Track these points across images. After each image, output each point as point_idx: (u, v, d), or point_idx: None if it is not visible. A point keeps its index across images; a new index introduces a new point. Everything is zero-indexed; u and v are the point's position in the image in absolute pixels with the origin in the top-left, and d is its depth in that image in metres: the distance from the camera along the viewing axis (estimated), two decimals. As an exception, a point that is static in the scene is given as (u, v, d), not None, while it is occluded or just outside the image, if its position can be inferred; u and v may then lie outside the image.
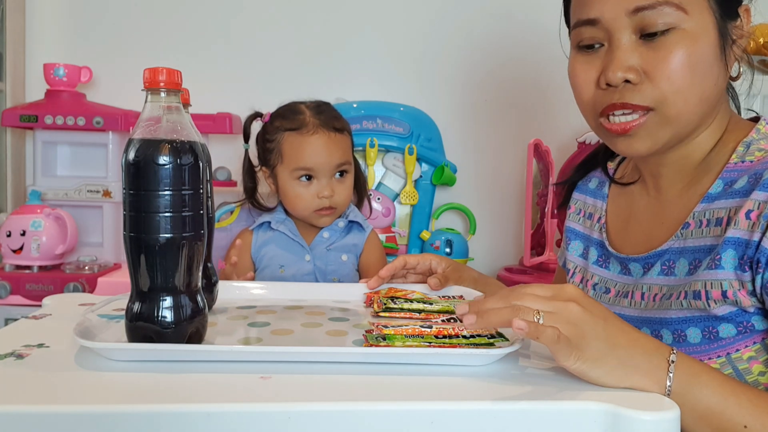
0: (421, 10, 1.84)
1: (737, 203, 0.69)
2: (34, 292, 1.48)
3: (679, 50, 0.67)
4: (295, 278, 1.14)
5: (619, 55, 0.69)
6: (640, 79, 0.69)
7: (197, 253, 0.60)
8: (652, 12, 0.67)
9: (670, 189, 0.79)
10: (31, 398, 0.49)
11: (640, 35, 0.69)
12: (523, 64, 1.82)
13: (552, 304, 0.56)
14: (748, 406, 0.57)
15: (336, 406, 0.49)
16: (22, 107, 1.63)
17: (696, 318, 0.69)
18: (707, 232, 0.71)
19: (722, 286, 0.67)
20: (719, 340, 0.68)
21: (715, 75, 0.70)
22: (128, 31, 1.82)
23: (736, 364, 0.68)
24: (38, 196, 1.60)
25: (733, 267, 0.67)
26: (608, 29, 0.70)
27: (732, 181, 0.71)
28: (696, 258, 0.71)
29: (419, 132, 1.71)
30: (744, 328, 0.67)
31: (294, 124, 1.15)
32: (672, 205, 0.78)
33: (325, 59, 1.83)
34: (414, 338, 0.62)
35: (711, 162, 0.75)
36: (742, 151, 0.72)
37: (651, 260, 0.77)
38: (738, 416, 0.57)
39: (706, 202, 0.73)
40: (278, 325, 0.72)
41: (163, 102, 0.59)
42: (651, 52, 0.68)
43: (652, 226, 0.80)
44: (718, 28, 0.69)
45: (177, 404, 0.48)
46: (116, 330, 0.65)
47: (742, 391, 0.59)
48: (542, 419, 0.50)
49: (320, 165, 1.14)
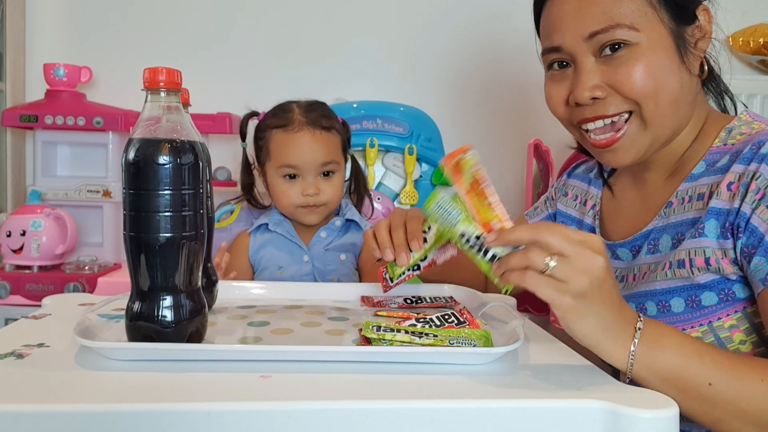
0: (421, 10, 1.84)
1: (718, 179, 0.72)
2: (34, 292, 1.48)
3: (636, 63, 0.72)
4: (294, 279, 1.14)
5: (582, 77, 0.75)
6: (608, 93, 0.74)
7: (197, 252, 0.60)
8: (606, 35, 0.72)
9: (654, 180, 0.83)
10: (31, 398, 0.49)
11: (599, 55, 0.74)
12: (523, 64, 1.82)
13: (578, 249, 0.56)
14: (712, 365, 0.59)
15: (336, 404, 0.49)
16: (22, 107, 1.63)
17: (679, 288, 0.72)
18: (689, 207, 0.75)
19: (705, 253, 0.70)
20: (702, 308, 0.71)
21: (678, 79, 0.73)
22: (128, 31, 1.82)
23: (717, 333, 0.70)
24: (38, 196, 1.60)
25: (715, 236, 0.70)
26: (571, 53, 0.76)
27: (714, 162, 0.75)
28: (678, 232, 0.75)
29: (419, 132, 1.71)
30: (726, 296, 0.70)
31: (281, 121, 1.16)
32: (656, 192, 0.82)
33: (325, 59, 1.83)
34: (410, 332, 0.62)
35: (693, 151, 0.79)
36: (725, 136, 0.76)
37: (637, 242, 0.80)
38: (702, 376, 0.59)
39: (689, 181, 0.76)
40: (278, 324, 0.72)
41: (163, 102, 0.59)
42: (611, 69, 0.73)
43: (638, 212, 0.83)
44: (672, 37, 0.73)
45: (177, 403, 0.48)
46: (116, 330, 0.65)
47: (706, 351, 0.60)
48: (542, 417, 0.50)
49: (304, 163, 1.14)
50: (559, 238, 0.56)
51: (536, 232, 0.57)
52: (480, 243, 0.64)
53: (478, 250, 0.64)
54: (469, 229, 0.65)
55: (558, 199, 0.99)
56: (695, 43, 0.75)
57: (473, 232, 0.64)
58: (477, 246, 0.64)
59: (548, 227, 0.57)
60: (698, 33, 0.75)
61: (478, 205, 0.64)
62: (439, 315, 0.69)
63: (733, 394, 0.58)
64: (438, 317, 0.68)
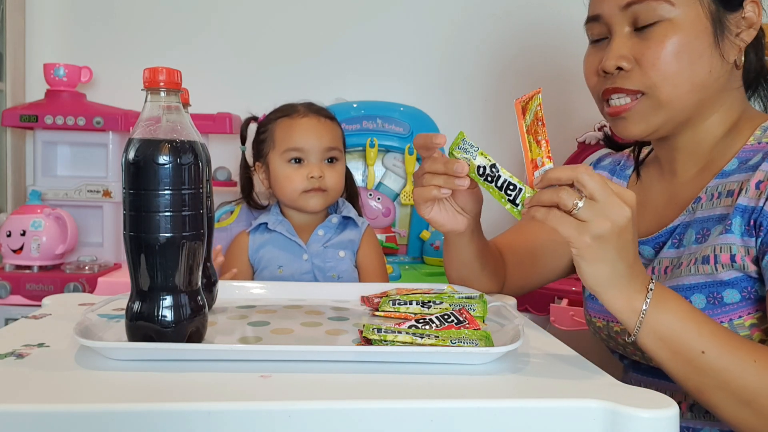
0: (421, 10, 1.84)
1: (749, 176, 0.72)
2: (34, 292, 1.48)
3: (666, 40, 0.73)
4: (293, 278, 1.14)
5: (613, 46, 0.77)
6: (632, 66, 0.75)
7: (197, 252, 0.60)
8: (642, 6, 0.74)
9: (684, 173, 0.83)
10: (31, 398, 0.49)
11: (633, 28, 0.76)
12: (523, 64, 1.82)
13: (609, 196, 0.58)
14: (708, 335, 0.61)
15: (336, 404, 0.49)
16: (22, 107, 1.63)
17: (701, 284, 0.72)
18: (717, 203, 0.74)
19: (731, 251, 0.70)
20: (723, 305, 0.71)
21: (708, 63, 0.74)
22: (128, 31, 1.82)
23: (738, 331, 0.70)
24: (38, 196, 1.60)
25: (740, 233, 0.70)
26: (608, 24, 0.78)
27: (747, 159, 0.75)
28: (704, 227, 0.74)
29: (419, 132, 1.71)
30: (748, 293, 0.70)
31: (286, 111, 1.20)
32: (686, 186, 0.82)
33: (325, 59, 1.83)
34: (409, 332, 0.62)
35: (726, 146, 0.78)
36: (759, 134, 0.76)
37: (661, 239, 0.80)
38: (696, 342, 0.60)
39: (720, 178, 0.76)
40: (278, 324, 0.72)
41: (163, 102, 0.59)
42: (642, 42, 0.74)
43: (665, 207, 0.83)
44: (711, 19, 0.73)
45: (177, 403, 0.48)
46: (116, 329, 0.65)
47: (705, 322, 0.62)
48: (542, 417, 0.50)
49: (310, 146, 1.16)
50: (596, 182, 0.58)
51: (576, 171, 0.59)
52: (496, 173, 0.68)
53: (491, 181, 0.68)
54: (483, 161, 0.70)
55: None
56: (738, 32, 0.75)
57: (487, 163, 0.69)
58: (492, 176, 0.68)
59: (588, 170, 0.59)
60: (743, 23, 0.75)
61: (531, 143, 0.67)
62: (439, 315, 0.69)
63: (722, 367, 0.60)
64: (438, 317, 0.68)
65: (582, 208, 0.57)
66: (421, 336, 0.62)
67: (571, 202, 0.58)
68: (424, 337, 0.62)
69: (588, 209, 0.57)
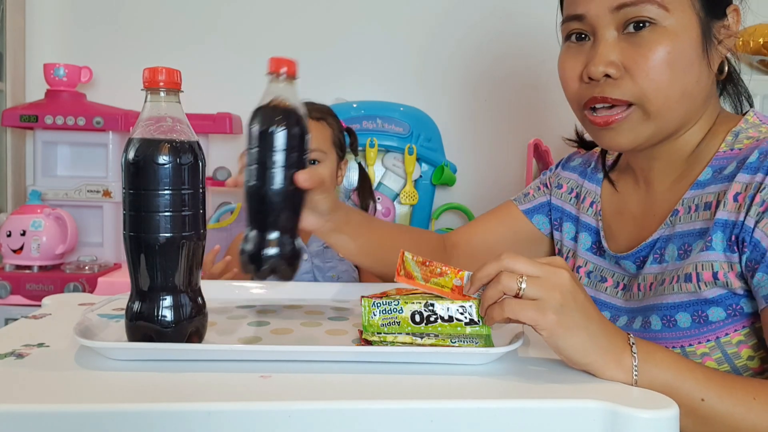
0: (421, 9, 1.84)
1: (725, 187, 0.70)
2: (34, 292, 1.48)
3: (658, 47, 0.69)
4: (294, 277, 1.14)
5: (601, 50, 0.71)
6: (621, 74, 0.71)
7: (197, 252, 0.60)
8: (634, 8, 0.69)
9: (660, 183, 0.80)
10: (31, 398, 0.49)
11: (622, 31, 0.71)
12: (523, 64, 1.82)
13: (543, 268, 0.58)
14: (704, 381, 0.59)
15: (336, 404, 0.49)
16: (22, 107, 1.63)
17: (686, 303, 0.70)
18: (696, 216, 0.72)
19: (713, 268, 0.68)
20: (708, 324, 0.69)
21: (697, 72, 0.71)
22: (128, 31, 1.82)
23: (725, 348, 0.69)
24: (38, 196, 1.60)
25: (722, 249, 0.68)
26: (593, 25, 0.72)
27: (721, 168, 0.72)
28: (685, 242, 0.72)
29: (419, 132, 1.71)
30: (733, 311, 0.68)
31: None
32: (662, 197, 0.79)
33: (325, 59, 1.83)
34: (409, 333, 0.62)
35: (700, 154, 0.76)
36: (731, 140, 0.74)
37: (642, 253, 0.77)
38: (695, 390, 0.58)
39: (695, 188, 0.74)
40: (278, 324, 0.72)
41: (163, 102, 0.59)
42: (632, 48, 0.70)
43: (642, 219, 0.81)
44: (701, 26, 0.70)
45: (177, 403, 0.48)
46: (116, 329, 0.65)
47: (698, 367, 0.60)
48: (541, 417, 0.50)
49: None
50: (522, 261, 0.58)
51: (500, 261, 0.59)
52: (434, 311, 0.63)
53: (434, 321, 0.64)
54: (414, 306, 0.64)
55: (552, 191, 0.95)
56: (720, 40, 0.73)
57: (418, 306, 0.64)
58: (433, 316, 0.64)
59: (509, 255, 0.59)
60: (724, 32, 0.73)
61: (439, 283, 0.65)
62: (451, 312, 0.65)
63: (725, 411, 0.58)
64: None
65: (526, 288, 0.57)
66: (420, 336, 0.62)
67: (515, 283, 0.57)
68: (424, 337, 0.62)
69: (532, 286, 0.57)
